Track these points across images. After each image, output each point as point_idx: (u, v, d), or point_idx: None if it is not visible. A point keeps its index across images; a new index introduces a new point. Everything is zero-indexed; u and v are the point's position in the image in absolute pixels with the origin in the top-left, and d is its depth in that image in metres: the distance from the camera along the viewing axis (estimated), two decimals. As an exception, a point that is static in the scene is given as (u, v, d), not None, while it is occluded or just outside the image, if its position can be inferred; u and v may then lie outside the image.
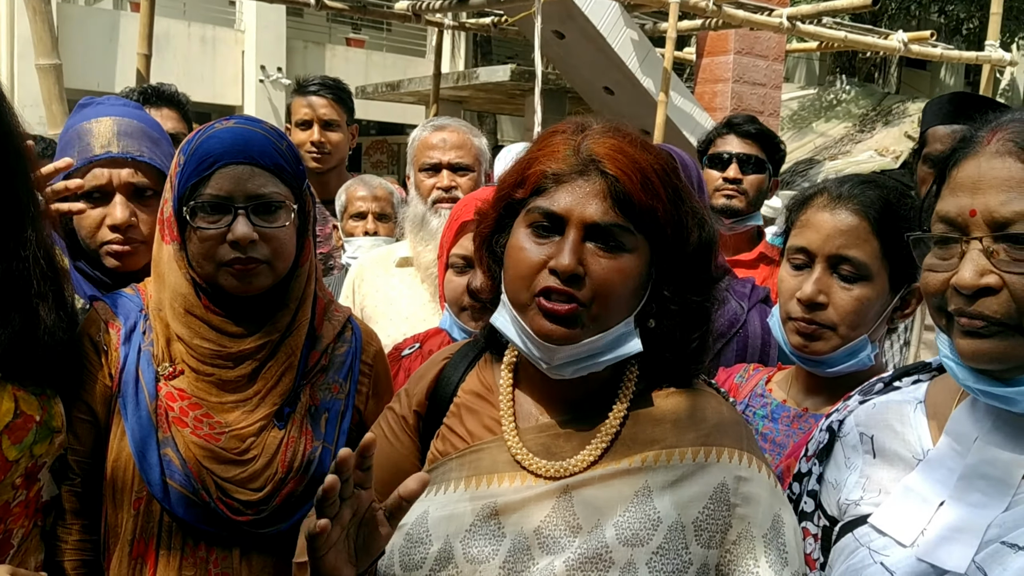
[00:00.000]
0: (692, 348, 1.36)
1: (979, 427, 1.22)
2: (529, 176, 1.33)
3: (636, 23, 7.83)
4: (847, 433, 1.40)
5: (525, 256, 1.30)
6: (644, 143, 1.33)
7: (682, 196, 1.33)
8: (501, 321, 1.37)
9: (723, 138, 3.11)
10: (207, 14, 17.00)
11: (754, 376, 1.90)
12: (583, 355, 1.30)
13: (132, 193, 1.98)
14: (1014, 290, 1.10)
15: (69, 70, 6.77)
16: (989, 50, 8.06)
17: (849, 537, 1.30)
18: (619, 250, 1.27)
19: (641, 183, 1.27)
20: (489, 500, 1.32)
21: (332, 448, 1.75)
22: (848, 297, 1.66)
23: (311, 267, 1.80)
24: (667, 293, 1.33)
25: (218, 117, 1.84)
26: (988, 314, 1.12)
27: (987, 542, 1.14)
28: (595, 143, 1.30)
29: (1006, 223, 1.11)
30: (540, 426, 1.37)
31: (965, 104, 2.72)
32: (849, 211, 1.67)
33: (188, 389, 1.69)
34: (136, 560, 1.67)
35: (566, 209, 1.27)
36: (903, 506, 1.25)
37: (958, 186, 1.17)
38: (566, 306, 1.26)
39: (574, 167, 1.29)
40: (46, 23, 4.81)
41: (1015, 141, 1.13)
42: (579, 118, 1.39)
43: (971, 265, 1.12)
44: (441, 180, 2.77)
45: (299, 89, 3.71)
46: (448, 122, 2.91)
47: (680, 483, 1.28)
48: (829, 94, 15.24)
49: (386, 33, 19.32)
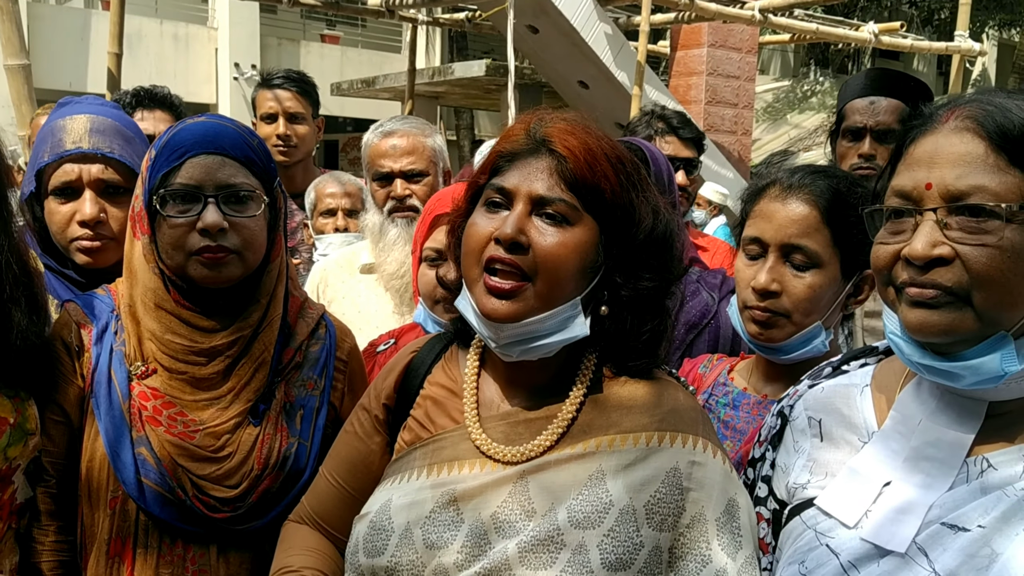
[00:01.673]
0: (643, 339, 1.38)
1: (924, 408, 1.24)
2: (488, 160, 1.39)
3: (609, 17, 7.85)
4: (796, 417, 1.42)
5: (476, 230, 1.35)
6: (601, 134, 1.37)
7: (636, 184, 1.36)
8: (462, 303, 1.40)
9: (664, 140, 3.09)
10: (179, 12, 16.86)
11: (717, 366, 1.94)
12: (528, 335, 1.32)
13: (102, 189, 1.98)
14: (967, 260, 1.12)
15: (40, 70, 6.70)
16: (959, 40, 8.15)
17: (796, 520, 1.32)
18: (564, 223, 1.31)
19: (589, 163, 1.31)
20: (449, 487, 1.35)
21: (308, 444, 1.76)
22: (801, 285, 1.69)
23: (282, 263, 1.80)
24: (618, 279, 1.35)
25: (192, 114, 1.85)
26: (941, 282, 1.13)
27: (928, 522, 1.16)
28: (549, 126, 1.36)
29: (961, 196, 1.12)
30: (501, 414, 1.40)
31: (881, 79, 2.73)
32: (800, 201, 1.70)
33: (161, 388, 1.69)
34: (113, 560, 1.67)
35: (515, 184, 1.33)
36: (848, 488, 1.26)
37: (915, 161, 1.19)
38: (509, 283, 1.29)
39: (526, 146, 1.36)
40: (14, 23, 4.75)
41: (973, 118, 1.15)
42: (546, 111, 1.42)
43: (924, 236, 1.14)
44: (395, 189, 2.69)
45: (264, 83, 3.67)
46: (397, 126, 2.77)
47: (632, 467, 1.30)
48: (803, 85, 15.35)
49: (361, 29, 19.24)
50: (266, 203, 1.71)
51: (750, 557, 1.31)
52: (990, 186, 1.11)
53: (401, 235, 2.65)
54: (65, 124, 1.99)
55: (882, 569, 1.17)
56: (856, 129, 2.65)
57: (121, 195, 1.99)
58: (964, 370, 1.15)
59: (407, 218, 2.67)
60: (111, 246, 1.98)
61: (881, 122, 2.60)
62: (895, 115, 2.61)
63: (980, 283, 1.11)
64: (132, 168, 1.97)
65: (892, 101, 2.62)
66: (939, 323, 1.14)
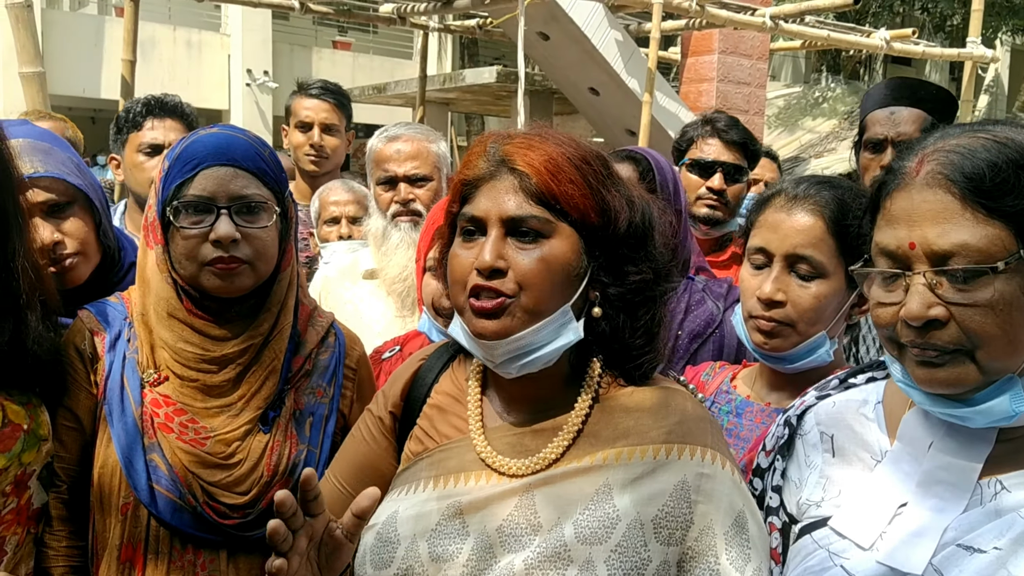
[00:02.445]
0: (639, 333, 1.37)
1: (933, 433, 1.24)
2: (454, 188, 1.40)
3: (620, 24, 7.85)
4: (808, 431, 1.42)
5: (457, 263, 1.35)
6: (561, 139, 1.36)
7: (605, 181, 1.35)
8: (455, 330, 1.40)
9: (706, 141, 3.00)
10: (192, 18, 16.96)
11: (720, 373, 1.94)
12: (522, 349, 1.31)
13: (48, 210, 1.91)
14: (961, 321, 1.12)
15: (54, 77, 6.76)
16: (971, 46, 8.11)
17: (807, 539, 1.31)
18: (539, 238, 1.31)
19: (551, 173, 1.30)
20: (455, 499, 1.34)
21: (317, 452, 1.77)
22: (806, 295, 1.69)
23: (293, 272, 1.82)
24: (605, 279, 1.35)
25: (204, 121, 1.86)
26: (940, 344, 1.13)
27: (944, 544, 1.16)
28: (505, 144, 1.35)
29: (946, 256, 1.12)
30: (506, 425, 1.39)
31: (902, 88, 2.70)
32: (806, 211, 1.70)
33: (173, 395, 1.71)
34: (124, 565, 1.68)
35: (484, 210, 1.33)
36: (862, 509, 1.26)
37: (893, 218, 1.18)
38: (493, 301, 1.29)
39: (487, 170, 1.35)
40: (29, 31, 4.79)
41: (941, 172, 1.14)
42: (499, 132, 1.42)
43: (917, 299, 1.13)
44: (399, 194, 2.71)
45: (300, 90, 3.70)
46: (402, 131, 2.80)
47: (640, 480, 1.29)
48: (815, 92, 15.30)
49: (372, 36, 19.31)
50: (278, 214, 1.73)
51: (758, 570, 1.29)
52: (972, 242, 1.10)
53: (404, 239, 2.65)
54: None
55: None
56: (877, 141, 2.62)
57: (68, 208, 1.93)
58: (975, 414, 1.16)
59: (411, 222, 2.68)
60: (79, 262, 1.94)
61: (902, 133, 2.57)
62: (916, 125, 2.58)
63: (979, 342, 1.12)
64: (63, 179, 1.90)
65: (913, 111, 2.60)
66: (946, 379, 1.15)
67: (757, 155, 3.13)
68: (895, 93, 2.68)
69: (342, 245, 3.34)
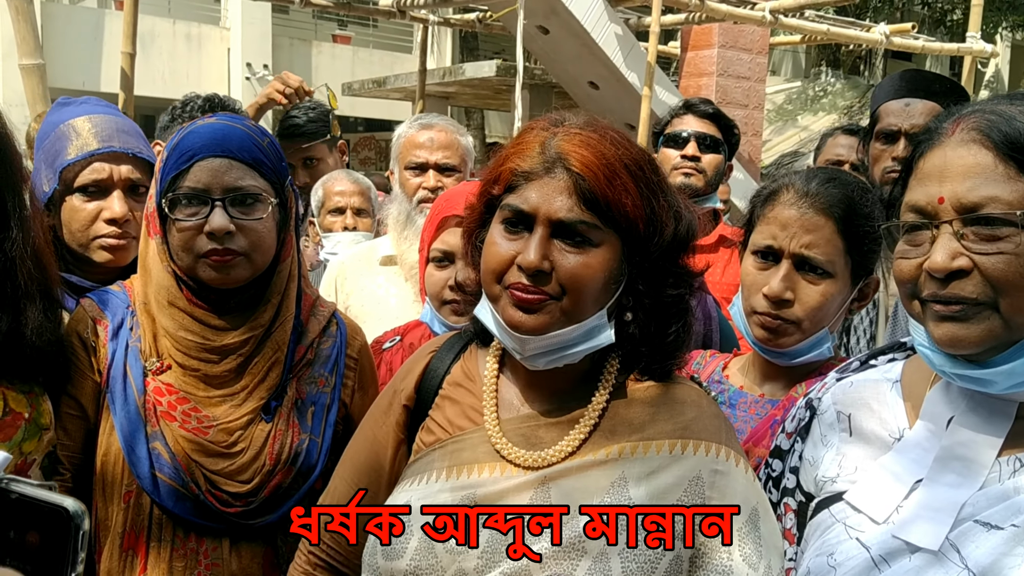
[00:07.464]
0: (669, 341, 1.37)
1: (954, 407, 1.25)
2: (502, 174, 1.36)
3: (620, 17, 7.84)
4: (825, 411, 1.43)
5: (496, 251, 1.33)
6: (617, 138, 1.34)
7: (656, 190, 1.33)
8: (483, 312, 1.39)
9: (680, 118, 3.10)
10: (192, 11, 16.92)
11: (711, 362, 1.93)
12: (555, 346, 1.31)
13: (128, 188, 2.02)
14: (985, 270, 1.13)
15: (53, 69, 6.75)
16: (971, 41, 8.11)
17: (825, 513, 1.33)
18: (586, 245, 1.29)
19: (608, 178, 1.28)
20: (469, 491, 1.34)
21: (319, 441, 1.78)
22: (814, 294, 1.69)
23: (293, 262, 1.82)
24: (641, 287, 1.34)
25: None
26: (963, 295, 1.14)
27: (960, 520, 1.17)
28: (563, 140, 1.32)
29: (974, 207, 1.14)
30: (521, 416, 1.39)
31: (917, 80, 2.68)
32: (815, 210, 1.69)
33: (176, 384, 1.72)
34: (127, 553, 1.69)
35: (533, 207, 1.30)
36: (879, 485, 1.27)
37: (925, 176, 1.20)
38: (535, 295, 1.28)
39: (542, 164, 1.31)
40: (29, 23, 4.78)
41: (978, 129, 1.17)
42: (558, 113, 1.39)
43: (943, 248, 1.15)
44: (427, 180, 2.76)
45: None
46: (436, 120, 2.89)
47: (655, 475, 1.30)
48: (815, 87, 15.30)
49: (372, 30, 19.27)
50: (275, 204, 1.73)
51: (771, 566, 1.30)
52: (1002, 196, 1.13)
53: None
54: (85, 124, 2.01)
55: (914, 564, 1.18)
56: (890, 132, 2.61)
57: (142, 194, 2.03)
58: (997, 376, 1.16)
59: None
60: (132, 245, 2.01)
61: (916, 125, 2.54)
62: (930, 117, 2.57)
63: (1003, 290, 1.13)
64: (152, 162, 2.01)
65: (927, 103, 2.58)
66: (968, 336, 1.15)
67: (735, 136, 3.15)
68: (910, 85, 2.65)
69: (346, 236, 3.35)
